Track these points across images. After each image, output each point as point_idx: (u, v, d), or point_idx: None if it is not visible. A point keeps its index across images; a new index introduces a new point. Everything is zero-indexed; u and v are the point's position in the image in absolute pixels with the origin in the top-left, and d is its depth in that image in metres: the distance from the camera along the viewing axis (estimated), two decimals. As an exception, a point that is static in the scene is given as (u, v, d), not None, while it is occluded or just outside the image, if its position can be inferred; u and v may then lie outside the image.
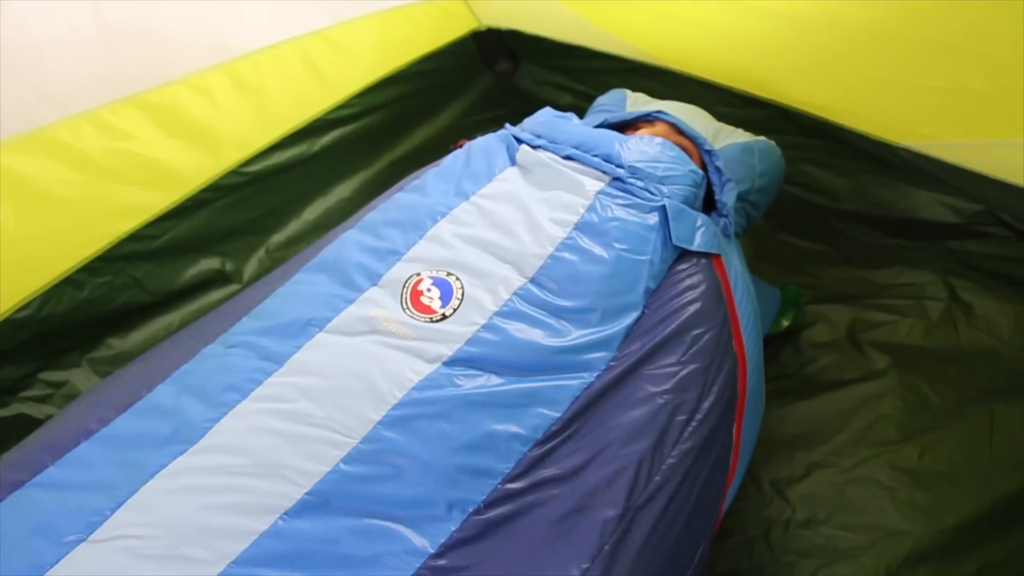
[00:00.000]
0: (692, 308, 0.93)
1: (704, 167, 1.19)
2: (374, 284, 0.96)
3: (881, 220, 1.47)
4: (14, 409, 1.21)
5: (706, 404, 0.87)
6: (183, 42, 1.34)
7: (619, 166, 1.05)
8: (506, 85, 2.05)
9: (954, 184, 1.30)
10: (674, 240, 0.97)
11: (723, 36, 1.30)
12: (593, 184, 1.04)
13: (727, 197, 1.14)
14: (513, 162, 1.11)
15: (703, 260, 0.99)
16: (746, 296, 1.02)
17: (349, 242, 1.02)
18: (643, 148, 1.08)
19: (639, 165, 1.05)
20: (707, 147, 1.19)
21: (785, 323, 1.35)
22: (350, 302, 0.93)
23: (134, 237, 1.30)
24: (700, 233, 1.01)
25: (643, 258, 0.96)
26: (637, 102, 1.41)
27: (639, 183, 1.03)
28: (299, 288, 0.97)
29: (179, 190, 1.36)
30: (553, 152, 1.10)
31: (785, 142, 1.50)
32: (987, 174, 1.13)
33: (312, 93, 1.59)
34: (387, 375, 0.84)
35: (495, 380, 0.86)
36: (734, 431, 0.92)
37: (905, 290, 1.38)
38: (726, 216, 1.12)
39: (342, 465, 0.78)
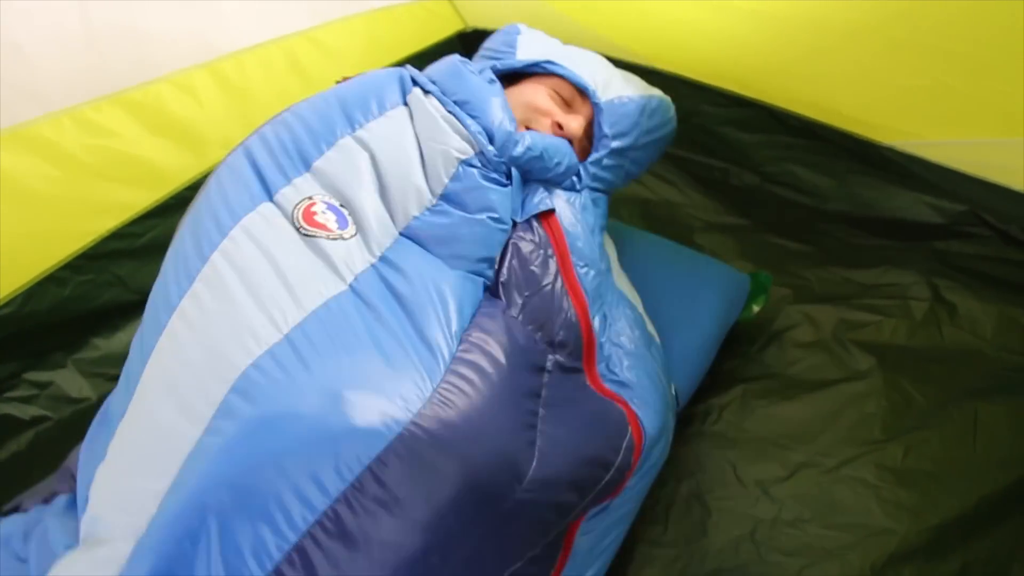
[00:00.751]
0: (518, 272, 0.95)
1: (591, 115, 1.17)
2: (269, 199, 0.92)
3: (866, 220, 1.47)
4: (-1, 410, 1.20)
5: (552, 359, 0.92)
6: (167, 40, 1.33)
7: (491, 139, 1.00)
8: (492, 86, 2.04)
9: (938, 184, 1.31)
10: (512, 215, 0.98)
11: (709, 35, 1.30)
12: (459, 150, 0.98)
13: (600, 150, 1.14)
14: (405, 103, 1.05)
15: (533, 221, 0.99)
16: (589, 248, 1.03)
17: (247, 152, 0.99)
18: (529, 143, 1.03)
19: (515, 154, 1.01)
20: (595, 99, 1.15)
21: (756, 308, 1.36)
22: (253, 206, 0.90)
23: (117, 235, 1.29)
24: (529, 201, 1.01)
25: (503, 227, 0.96)
26: (531, 43, 1.26)
27: (501, 161, 1.00)
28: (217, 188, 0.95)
29: (162, 188, 1.35)
30: (440, 103, 1.03)
31: (771, 141, 1.51)
32: (970, 173, 1.13)
33: (297, 93, 1.57)
34: (298, 282, 0.83)
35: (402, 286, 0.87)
36: (586, 380, 0.95)
37: (890, 290, 1.38)
38: (576, 174, 1.11)
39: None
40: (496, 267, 0.95)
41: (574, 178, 1.10)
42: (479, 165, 0.97)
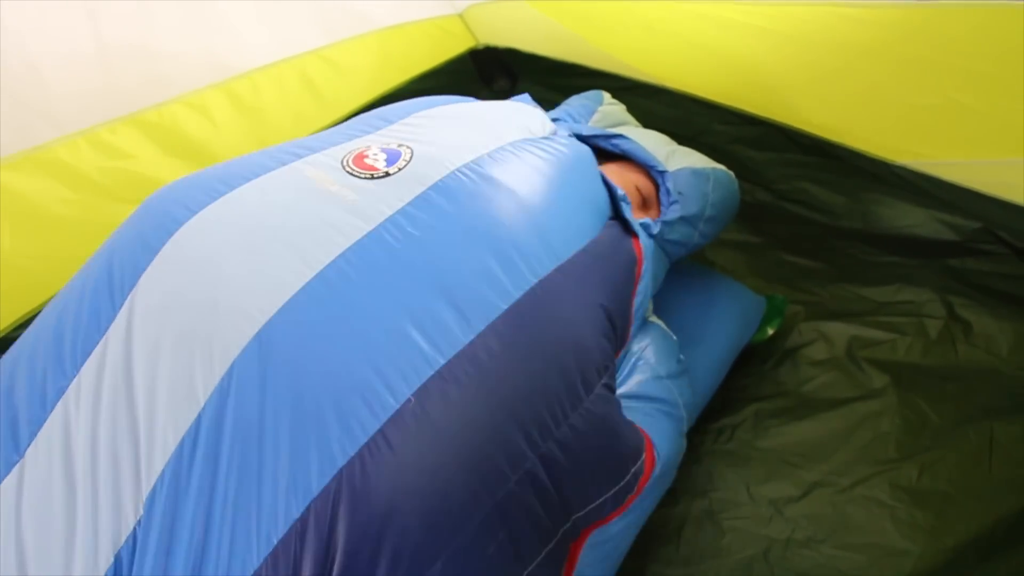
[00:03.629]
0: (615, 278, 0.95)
1: (656, 189, 1.20)
2: (313, 152, 0.91)
3: (879, 237, 1.47)
4: (10, 428, 1.20)
5: None
6: (181, 61, 1.34)
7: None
8: (504, 103, 2.06)
9: (951, 202, 1.30)
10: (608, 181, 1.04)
11: (719, 55, 1.30)
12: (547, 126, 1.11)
13: (670, 213, 1.13)
14: None
15: (629, 237, 1.03)
16: (646, 292, 1.04)
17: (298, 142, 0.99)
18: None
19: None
20: (660, 168, 1.18)
21: (771, 331, 1.36)
22: (282, 163, 0.88)
23: (132, 256, 1.30)
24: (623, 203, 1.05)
25: (595, 192, 1.00)
26: (605, 118, 1.37)
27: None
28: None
29: (177, 209, 1.36)
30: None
31: (783, 159, 1.51)
32: (984, 192, 1.12)
33: (310, 111, 1.59)
34: (317, 237, 0.76)
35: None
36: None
37: (904, 308, 1.37)
38: (660, 222, 1.12)
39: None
40: None
41: (650, 221, 1.11)
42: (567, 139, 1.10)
